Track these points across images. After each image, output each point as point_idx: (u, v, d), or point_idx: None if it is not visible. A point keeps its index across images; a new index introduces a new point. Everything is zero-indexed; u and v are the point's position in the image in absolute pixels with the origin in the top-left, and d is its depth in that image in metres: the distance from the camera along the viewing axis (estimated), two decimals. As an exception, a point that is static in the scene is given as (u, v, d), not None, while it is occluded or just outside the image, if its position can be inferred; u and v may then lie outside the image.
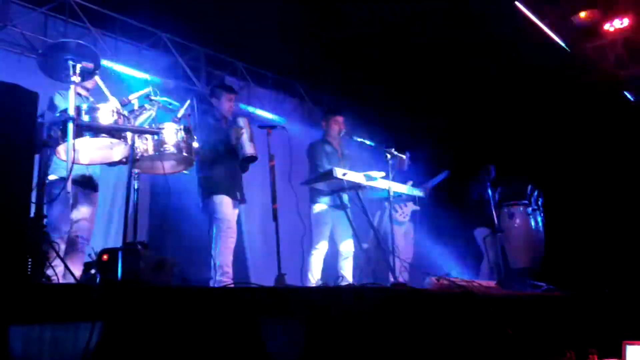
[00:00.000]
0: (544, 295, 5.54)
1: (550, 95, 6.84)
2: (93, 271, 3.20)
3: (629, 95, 6.72)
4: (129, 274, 2.76)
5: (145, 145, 3.76)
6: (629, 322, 4.70)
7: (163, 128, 3.80)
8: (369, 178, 5.22)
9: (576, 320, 4.86)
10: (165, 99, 3.96)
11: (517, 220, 6.62)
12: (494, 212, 6.28)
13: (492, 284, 5.39)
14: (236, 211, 4.77)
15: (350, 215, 5.37)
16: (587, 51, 6.30)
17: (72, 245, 4.12)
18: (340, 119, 5.78)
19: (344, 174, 5.02)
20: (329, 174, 5.03)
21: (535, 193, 6.72)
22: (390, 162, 6.01)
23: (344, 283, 4.90)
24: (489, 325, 4.22)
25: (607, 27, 6.00)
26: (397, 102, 7.50)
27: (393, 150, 6.09)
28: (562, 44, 6.21)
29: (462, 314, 4.15)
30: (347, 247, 5.42)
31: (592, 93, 6.62)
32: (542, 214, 6.78)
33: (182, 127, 3.88)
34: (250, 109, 7.48)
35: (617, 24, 5.95)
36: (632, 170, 7.28)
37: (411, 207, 6.17)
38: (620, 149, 7.20)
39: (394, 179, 5.56)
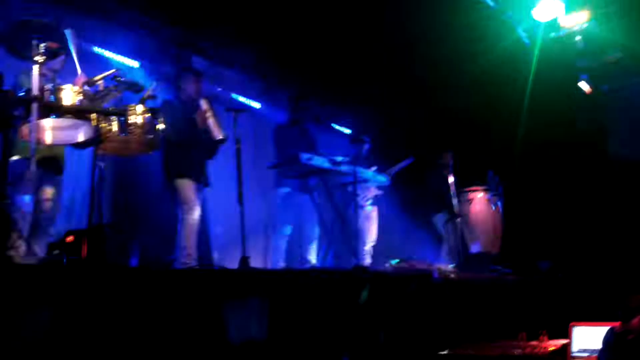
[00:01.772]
0: (497, 279, 5.75)
1: (509, 82, 7.00)
2: (57, 252, 3.21)
3: (584, 86, 6.95)
4: (95, 255, 2.80)
5: (110, 126, 3.75)
6: (576, 304, 4.94)
7: (128, 109, 3.80)
8: (334, 162, 5.32)
9: (528, 302, 5.08)
10: (131, 80, 3.95)
11: (477, 206, 6.81)
12: (453, 198, 6.44)
13: (450, 267, 5.57)
14: (200, 194, 4.80)
15: (315, 199, 5.46)
16: (546, 43, 6.47)
17: (36, 227, 4.10)
18: (307, 103, 5.85)
19: (309, 159, 5.11)
20: (294, 159, 5.11)
21: (496, 179, 6.91)
22: (354, 146, 6.15)
23: (307, 266, 5.01)
24: (445, 308, 4.39)
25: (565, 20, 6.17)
26: (362, 88, 7.56)
27: (358, 135, 6.21)
28: (523, 37, 6.37)
29: (420, 296, 4.30)
30: (312, 231, 5.51)
31: (549, 82, 6.80)
32: (501, 200, 6.98)
33: (147, 108, 3.88)
34: (218, 90, 7.45)
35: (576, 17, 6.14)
36: (587, 154, 7.53)
37: (374, 191, 6.29)
38: (577, 134, 7.42)
39: (358, 164, 5.68)
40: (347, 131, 6.27)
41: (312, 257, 5.46)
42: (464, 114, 7.58)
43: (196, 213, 4.65)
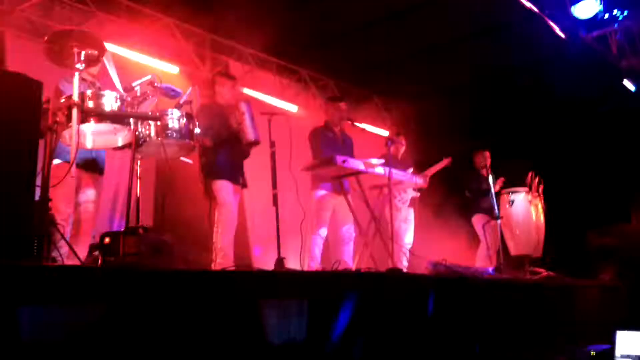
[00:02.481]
0: (537, 282, 5.62)
1: (550, 83, 6.86)
2: (96, 253, 3.30)
3: (629, 85, 6.73)
4: (130, 257, 2.86)
5: (148, 130, 3.84)
6: (620, 309, 4.80)
7: (165, 114, 3.88)
8: (369, 164, 5.31)
9: (569, 307, 4.95)
10: (167, 85, 4.03)
11: (517, 207, 6.67)
12: (492, 199, 6.34)
13: (490, 270, 5.48)
14: (238, 196, 4.86)
15: (350, 201, 5.46)
16: (587, 41, 6.32)
17: (78, 228, 4.22)
18: (342, 105, 5.84)
19: (345, 161, 5.10)
20: (329, 161, 5.12)
21: (536, 180, 6.76)
22: (391, 148, 6.10)
23: (341, 268, 5.00)
24: (483, 311, 4.32)
25: (606, 16, 6.02)
26: (399, 89, 7.55)
27: (394, 136, 6.17)
28: (561, 34, 6.23)
29: (457, 299, 4.24)
30: (347, 233, 5.51)
31: (593, 81, 6.64)
32: (542, 201, 6.83)
33: (184, 113, 3.96)
34: (255, 94, 7.54)
35: (617, 13, 5.98)
36: (630, 157, 7.32)
37: (411, 193, 6.25)
38: (619, 137, 7.23)
39: (393, 166, 5.64)
40: (383, 132, 6.24)
41: (348, 259, 5.45)
42: (503, 114, 7.48)
43: (233, 214, 4.71)
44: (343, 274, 4.39)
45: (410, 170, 6.28)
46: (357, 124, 5.68)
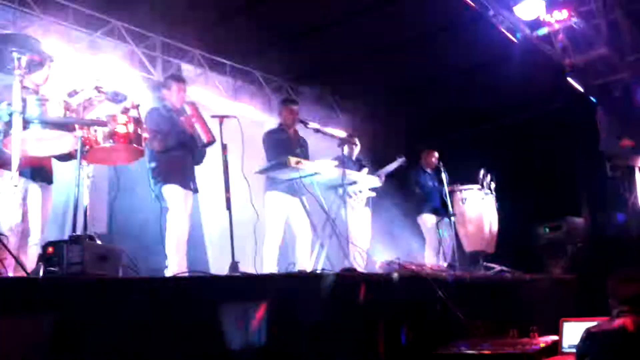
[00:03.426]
0: (489, 278, 5.75)
1: (498, 82, 7.03)
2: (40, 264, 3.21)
3: (573, 83, 6.95)
4: (74, 266, 2.80)
5: (94, 136, 3.77)
6: (566, 301, 4.95)
7: (112, 119, 3.81)
8: (323, 166, 5.33)
9: (519, 300, 5.08)
10: (113, 89, 3.96)
11: (470, 204, 6.80)
12: (446, 197, 6.45)
13: (443, 267, 5.57)
14: (189, 201, 4.80)
15: (305, 202, 5.47)
16: (532, 40, 6.49)
17: (25, 239, 4.10)
18: (295, 107, 5.86)
19: (299, 162, 5.11)
20: (284, 163, 5.12)
21: (487, 177, 6.91)
22: (345, 149, 6.15)
23: (297, 269, 5.00)
24: (437, 307, 4.39)
25: (548, 17, 6.19)
26: (353, 90, 7.61)
27: (348, 137, 6.21)
28: (507, 34, 6.38)
29: (411, 296, 4.30)
30: (303, 234, 5.52)
31: (540, 80, 6.83)
32: (494, 197, 6.98)
33: (131, 117, 3.89)
34: (208, 96, 7.47)
35: (557, 14, 6.17)
36: (578, 153, 7.56)
37: (366, 193, 6.29)
38: (566, 133, 7.46)
39: (348, 166, 5.68)
40: (339, 133, 6.28)
41: (305, 261, 5.46)
42: (454, 113, 7.62)
43: (184, 219, 4.66)
44: (298, 276, 4.41)
45: (365, 170, 6.32)
46: (310, 125, 5.69)
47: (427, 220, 7.06)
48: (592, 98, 7.26)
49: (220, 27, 6.88)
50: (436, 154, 7.19)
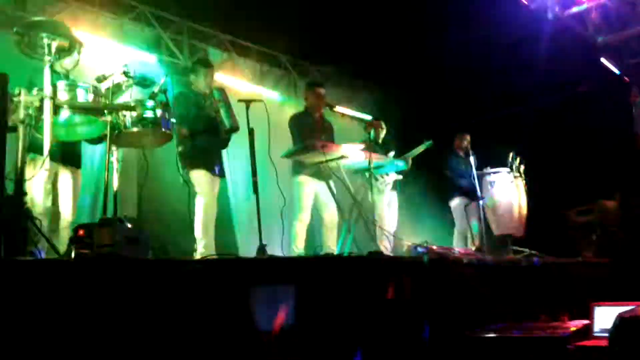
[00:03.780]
0: (518, 261, 5.68)
1: (529, 63, 6.88)
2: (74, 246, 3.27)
3: (606, 63, 6.77)
4: (104, 248, 2.85)
5: (123, 121, 3.81)
6: (597, 285, 4.86)
7: (140, 104, 3.84)
8: (350, 150, 5.30)
9: (550, 284, 5.01)
10: (141, 74, 3.99)
11: (499, 188, 6.71)
12: (474, 180, 6.37)
13: (471, 251, 5.52)
14: (216, 184, 4.84)
15: (332, 186, 5.46)
16: (563, 18, 6.33)
17: (57, 222, 4.19)
18: (321, 91, 5.82)
19: (325, 146, 5.09)
20: (310, 147, 5.11)
21: (517, 160, 6.80)
22: (371, 132, 6.11)
23: (323, 253, 5.02)
24: (465, 291, 4.36)
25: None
26: (380, 74, 7.53)
27: (374, 120, 6.17)
28: (538, 12, 6.24)
29: (437, 279, 4.27)
30: (330, 218, 5.52)
31: (571, 60, 6.67)
32: (523, 181, 6.88)
33: (159, 102, 3.92)
34: (234, 81, 7.49)
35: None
36: (610, 133, 7.39)
37: (393, 176, 6.25)
38: (598, 115, 7.29)
39: (374, 150, 5.64)
40: (365, 117, 6.24)
41: (332, 244, 5.47)
42: (483, 95, 7.50)
43: (212, 203, 4.70)
44: (326, 259, 4.41)
45: (392, 153, 6.28)
46: (337, 109, 5.66)
47: (458, 203, 6.99)
48: (626, 78, 7.07)
49: (245, 11, 6.86)
50: (468, 137, 7.09)
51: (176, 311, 2.90)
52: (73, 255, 2.88)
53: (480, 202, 6.53)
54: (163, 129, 3.91)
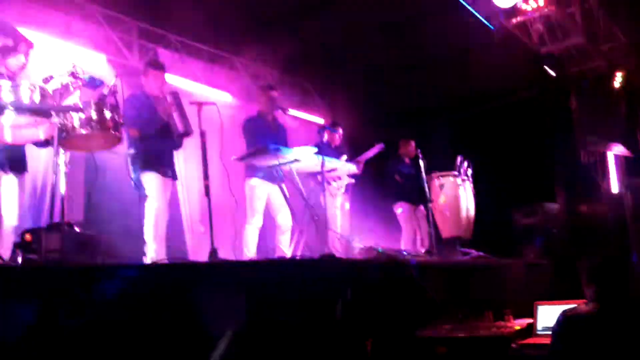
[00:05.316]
0: (465, 262, 5.84)
1: (475, 71, 7.09)
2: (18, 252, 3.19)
3: (549, 71, 7.04)
4: (53, 253, 2.79)
5: (71, 123, 3.72)
6: (540, 285, 5.06)
7: (89, 106, 3.76)
8: (302, 153, 5.33)
9: (496, 284, 5.17)
10: (90, 75, 3.91)
11: (447, 191, 6.88)
12: (424, 183, 6.50)
13: (421, 253, 5.63)
14: (168, 188, 4.78)
15: (285, 189, 5.48)
16: (509, 29, 6.55)
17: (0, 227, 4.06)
18: (274, 94, 5.84)
19: (278, 149, 5.11)
20: (263, 150, 5.11)
21: (465, 164, 6.99)
22: (324, 136, 6.16)
23: (277, 256, 5.03)
24: (414, 291, 4.45)
25: (525, 6, 6.25)
26: (332, 78, 7.60)
27: (327, 124, 6.22)
28: (485, 22, 6.43)
29: (388, 281, 4.35)
30: (283, 221, 5.53)
31: (514, 68, 6.91)
32: (471, 184, 7.07)
33: (108, 104, 3.85)
34: (185, 82, 7.41)
35: (533, 3, 6.24)
36: (552, 139, 7.69)
37: (345, 180, 6.33)
38: (541, 120, 7.58)
39: (327, 153, 5.69)
40: (317, 120, 6.29)
41: (286, 247, 5.49)
42: (431, 101, 7.67)
43: (163, 207, 4.64)
44: (279, 262, 4.43)
45: (344, 157, 6.35)
46: (290, 112, 5.69)
47: (403, 208, 7.14)
48: (567, 86, 7.38)
49: (197, 12, 6.80)
50: (413, 143, 7.25)
51: (126, 316, 2.87)
52: (20, 260, 2.80)
53: (429, 205, 6.67)
54: (113, 132, 3.84)
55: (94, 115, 3.75)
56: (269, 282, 3.76)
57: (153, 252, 4.47)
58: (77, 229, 3.14)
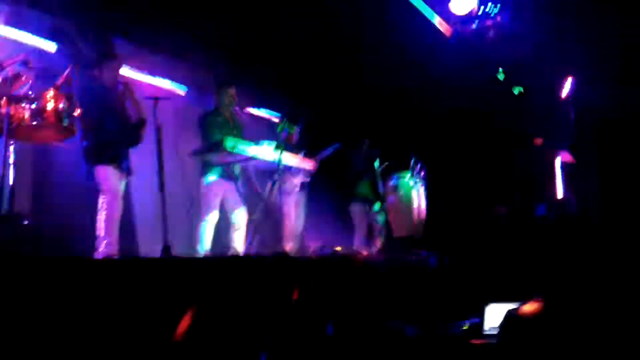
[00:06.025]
0: (415, 262, 5.95)
1: (428, 75, 7.23)
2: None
3: (500, 75, 7.26)
4: (3, 245, 2.71)
5: (22, 113, 3.63)
6: (490, 284, 5.19)
7: (41, 96, 3.68)
8: (259, 150, 5.33)
9: (446, 284, 5.29)
10: (43, 65, 3.82)
11: (400, 191, 7.00)
12: (376, 184, 6.59)
13: (374, 252, 5.71)
14: (122, 182, 4.70)
15: (240, 186, 5.46)
16: (465, 35, 6.71)
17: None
18: (232, 90, 5.81)
19: (234, 146, 5.09)
20: (219, 145, 5.09)
21: (418, 165, 7.12)
22: (281, 133, 6.16)
23: (230, 254, 5.01)
24: (367, 290, 4.51)
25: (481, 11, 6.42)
26: (289, 74, 7.59)
27: (285, 121, 6.23)
28: (442, 29, 6.57)
29: (341, 280, 4.39)
30: (238, 218, 5.51)
31: (471, 74, 7.07)
32: (424, 185, 7.21)
33: (62, 94, 3.77)
34: (141, 75, 7.27)
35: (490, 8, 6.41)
36: (506, 142, 7.91)
37: (301, 178, 6.35)
38: (496, 124, 7.80)
39: (284, 150, 5.71)
40: (275, 117, 6.28)
41: (239, 245, 5.46)
42: (388, 101, 7.77)
43: (117, 201, 4.56)
44: (233, 259, 4.41)
45: (301, 155, 6.37)
46: (247, 108, 5.67)
47: (356, 207, 7.20)
48: (516, 91, 7.61)
49: (154, 3, 6.68)
50: (367, 142, 7.32)
51: (75, 312, 2.81)
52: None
53: (383, 204, 6.77)
54: (65, 124, 3.76)
55: (46, 106, 3.68)
56: (223, 280, 3.75)
57: (104, 246, 4.39)
58: (25, 221, 3.06)
